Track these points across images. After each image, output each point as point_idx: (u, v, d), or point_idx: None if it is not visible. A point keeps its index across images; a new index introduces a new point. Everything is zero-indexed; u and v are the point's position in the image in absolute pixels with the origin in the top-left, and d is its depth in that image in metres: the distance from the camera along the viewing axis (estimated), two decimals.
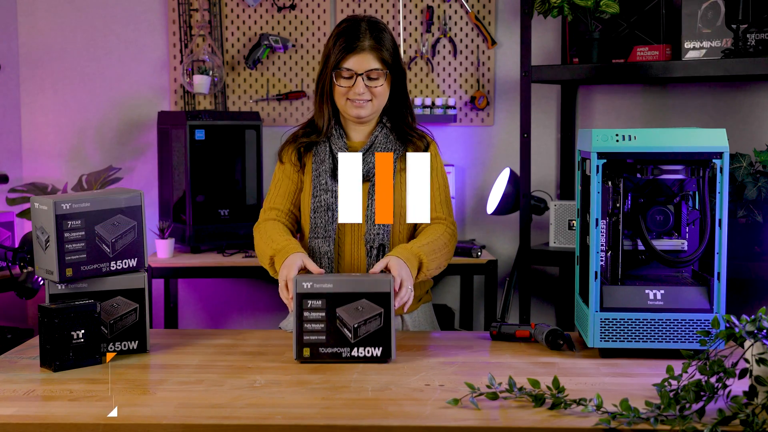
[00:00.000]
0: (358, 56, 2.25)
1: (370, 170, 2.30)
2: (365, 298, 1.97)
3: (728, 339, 1.62)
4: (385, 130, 2.34)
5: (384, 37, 2.29)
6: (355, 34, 2.26)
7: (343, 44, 2.26)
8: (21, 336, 3.49)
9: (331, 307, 1.97)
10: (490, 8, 3.98)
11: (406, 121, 2.36)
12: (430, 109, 3.93)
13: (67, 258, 1.97)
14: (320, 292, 1.97)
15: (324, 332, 1.96)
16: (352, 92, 2.26)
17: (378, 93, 2.28)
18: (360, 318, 1.96)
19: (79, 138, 4.08)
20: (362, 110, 2.28)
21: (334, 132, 2.34)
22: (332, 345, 1.96)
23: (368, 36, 2.26)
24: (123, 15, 4.04)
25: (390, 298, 1.98)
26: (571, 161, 3.91)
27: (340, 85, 2.27)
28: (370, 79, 2.26)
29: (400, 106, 2.36)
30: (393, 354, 1.97)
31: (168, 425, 1.58)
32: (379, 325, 1.97)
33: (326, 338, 1.96)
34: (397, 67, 2.31)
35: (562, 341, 2.06)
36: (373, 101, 2.28)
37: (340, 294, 1.97)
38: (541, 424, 1.56)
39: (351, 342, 1.96)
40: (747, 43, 3.22)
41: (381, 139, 2.32)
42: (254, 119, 3.82)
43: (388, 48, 2.28)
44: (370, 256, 2.28)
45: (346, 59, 2.25)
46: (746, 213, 3.20)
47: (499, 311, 3.73)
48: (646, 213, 2.03)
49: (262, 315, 4.11)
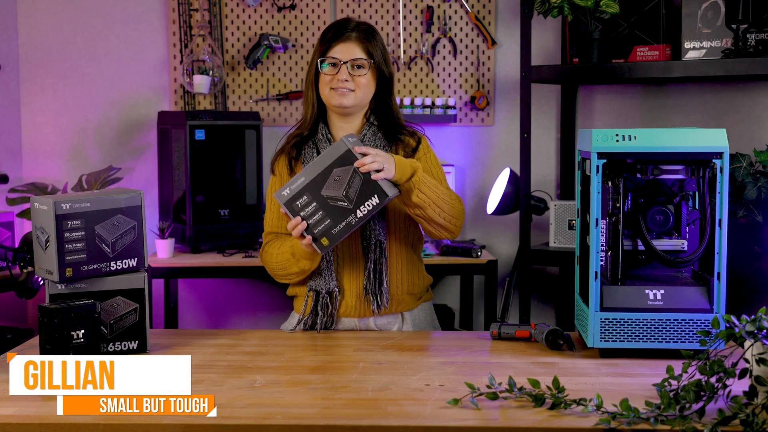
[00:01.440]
0: (343, 44, 2.30)
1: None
2: (335, 167, 2.12)
3: (728, 339, 1.62)
4: (373, 128, 2.34)
5: (373, 35, 2.33)
6: (343, 26, 2.32)
7: (330, 34, 2.31)
8: (21, 336, 3.49)
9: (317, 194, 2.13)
10: (490, 8, 3.98)
11: (393, 121, 2.37)
12: (430, 109, 3.93)
13: (67, 258, 1.97)
14: (299, 190, 2.13)
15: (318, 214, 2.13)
16: (335, 80, 2.29)
17: (361, 83, 2.30)
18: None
19: (79, 138, 4.08)
20: (345, 99, 2.29)
21: (321, 135, 2.34)
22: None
23: (357, 29, 2.32)
24: (123, 15, 4.04)
25: (349, 154, 2.10)
26: (571, 161, 3.91)
27: (326, 73, 2.30)
28: (355, 68, 2.29)
29: (388, 108, 2.37)
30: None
31: (168, 425, 1.59)
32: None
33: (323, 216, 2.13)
34: (383, 65, 2.34)
35: (562, 341, 2.06)
36: (356, 92, 2.30)
37: (316, 180, 2.13)
38: (541, 424, 1.56)
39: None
40: (747, 43, 3.22)
41: (369, 137, 2.33)
42: (254, 119, 3.82)
43: (376, 45, 2.32)
44: (367, 254, 2.28)
45: (332, 47, 2.30)
46: (746, 213, 3.20)
47: (499, 311, 3.73)
48: (646, 213, 2.03)
49: (262, 315, 4.11)
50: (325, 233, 2.13)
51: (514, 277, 3.67)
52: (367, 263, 2.28)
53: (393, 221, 2.31)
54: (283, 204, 2.14)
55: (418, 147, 2.35)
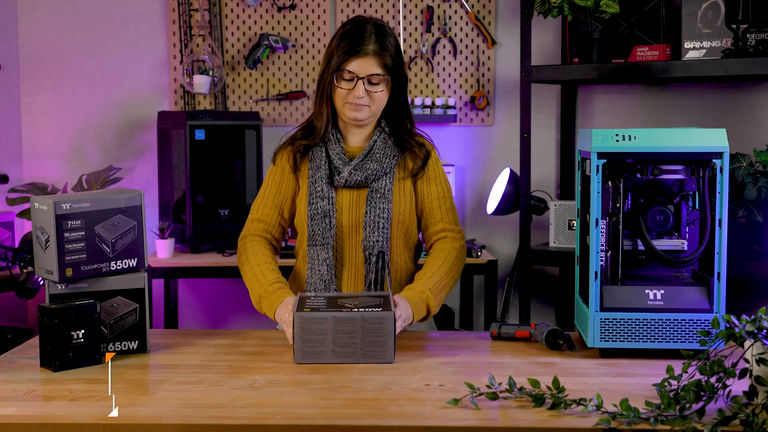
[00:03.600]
0: (361, 60, 2.23)
1: (369, 176, 2.28)
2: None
3: (728, 339, 1.62)
4: (384, 134, 2.32)
5: (388, 42, 2.26)
6: (359, 37, 2.24)
7: (347, 47, 2.23)
8: (21, 336, 3.50)
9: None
10: (490, 8, 3.98)
11: (404, 127, 2.34)
12: (430, 109, 3.93)
13: (67, 258, 1.97)
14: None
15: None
16: (351, 95, 2.24)
17: (377, 98, 2.26)
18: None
19: (79, 138, 4.08)
20: (359, 113, 2.26)
21: (331, 137, 2.31)
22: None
23: (373, 40, 2.24)
24: (123, 15, 4.04)
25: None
26: (571, 161, 3.91)
27: (341, 87, 2.25)
28: (371, 83, 2.24)
29: (399, 112, 2.33)
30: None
31: (168, 425, 1.58)
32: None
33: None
34: (399, 73, 2.29)
35: (562, 341, 2.06)
36: (371, 106, 2.26)
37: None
38: (541, 424, 1.56)
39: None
40: (747, 43, 3.22)
41: (380, 144, 2.31)
42: (254, 119, 3.82)
43: (392, 54, 2.26)
44: (369, 263, 2.27)
45: (348, 62, 2.23)
46: (746, 213, 3.20)
47: (499, 311, 3.73)
48: (646, 213, 2.03)
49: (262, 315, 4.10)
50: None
51: (514, 277, 3.67)
52: (368, 273, 2.28)
53: (395, 231, 2.30)
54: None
55: (427, 161, 2.34)
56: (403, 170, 2.32)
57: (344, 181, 2.28)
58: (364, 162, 2.28)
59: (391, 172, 2.30)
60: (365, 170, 2.28)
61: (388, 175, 2.30)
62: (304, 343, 1.96)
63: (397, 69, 2.28)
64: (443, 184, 2.36)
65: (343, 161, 2.29)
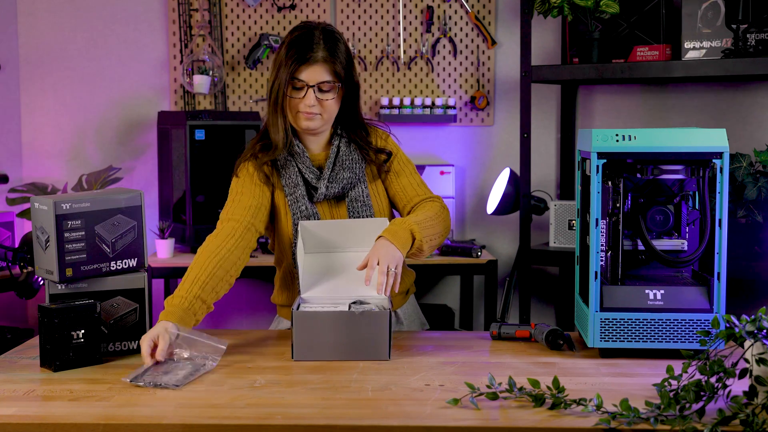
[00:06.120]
0: (310, 68, 2.18)
1: (345, 186, 2.27)
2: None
3: (728, 339, 1.62)
4: (344, 139, 2.31)
5: (338, 48, 2.22)
6: (308, 45, 2.19)
7: (296, 55, 2.18)
8: (21, 336, 3.49)
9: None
10: (490, 8, 3.98)
11: (360, 135, 2.32)
12: (430, 109, 3.93)
13: (67, 258, 1.97)
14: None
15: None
16: (302, 104, 2.21)
17: (328, 106, 2.22)
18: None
19: (79, 138, 4.08)
20: (312, 122, 2.23)
21: (297, 148, 2.27)
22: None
23: (322, 47, 2.19)
24: (123, 15, 4.04)
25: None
26: (571, 161, 3.91)
27: (292, 96, 2.21)
28: (321, 91, 2.20)
29: (352, 120, 2.31)
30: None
31: (168, 425, 1.58)
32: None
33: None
34: (350, 81, 2.25)
35: (562, 341, 2.06)
36: (323, 114, 2.23)
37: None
38: (541, 424, 1.56)
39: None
40: (747, 43, 3.22)
41: (344, 149, 2.29)
42: (254, 119, 3.82)
43: (342, 60, 2.22)
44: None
45: (299, 71, 2.19)
46: (746, 213, 3.20)
47: (499, 311, 3.73)
48: (646, 213, 2.03)
49: (262, 315, 4.11)
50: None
51: (514, 277, 3.67)
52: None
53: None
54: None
55: (390, 158, 2.33)
56: (370, 173, 2.33)
57: (323, 196, 2.27)
58: (335, 172, 2.27)
59: (363, 177, 2.30)
60: (340, 181, 2.27)
61: (362, 182, 2.30)
62: (302, 339, 1.97)
63: (347, 76, 2.24)
64: (407, 167, 2.36)
65: (315, 174, 2.27)
